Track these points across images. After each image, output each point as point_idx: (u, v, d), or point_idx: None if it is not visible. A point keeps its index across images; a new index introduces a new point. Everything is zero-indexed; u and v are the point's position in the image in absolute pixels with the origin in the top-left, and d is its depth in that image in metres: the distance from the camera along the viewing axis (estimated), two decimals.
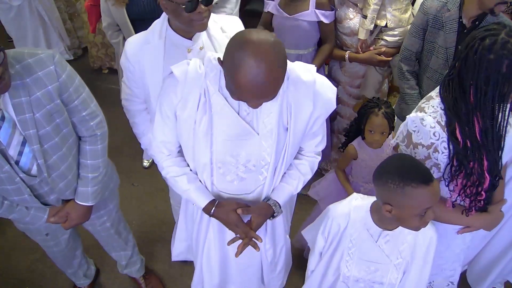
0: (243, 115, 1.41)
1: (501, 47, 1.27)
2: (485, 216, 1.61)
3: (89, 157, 1.69)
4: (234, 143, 1.44)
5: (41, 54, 1.46)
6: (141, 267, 2.39)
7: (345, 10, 2.31)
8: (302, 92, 1.41)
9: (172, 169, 1.56)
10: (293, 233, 2.68)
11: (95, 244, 2.19)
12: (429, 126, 1.43)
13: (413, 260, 1.52)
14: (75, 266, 2.23)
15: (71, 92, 1.54)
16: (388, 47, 2.35)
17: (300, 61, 1.76)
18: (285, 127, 1.44)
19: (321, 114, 1.46)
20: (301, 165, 1.59)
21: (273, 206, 1.55)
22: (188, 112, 1.41)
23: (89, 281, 2.38)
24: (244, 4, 3.09)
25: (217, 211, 1.53)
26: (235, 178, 1.51)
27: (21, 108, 1.43)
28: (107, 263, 2.51)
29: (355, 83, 2.53)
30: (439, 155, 1.45)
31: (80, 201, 1.72)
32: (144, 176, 3.07)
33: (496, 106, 1.34)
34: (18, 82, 1.41)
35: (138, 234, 2.69)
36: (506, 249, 2.04)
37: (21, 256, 2.62)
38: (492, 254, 2.08)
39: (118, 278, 2.49)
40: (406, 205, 1.34)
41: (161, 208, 2.88)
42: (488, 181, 1.44)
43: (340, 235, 1.55)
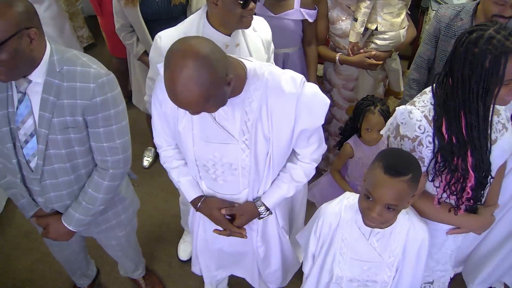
0: (220, 120, 1.41)
1: (486, 42, 1.27)
2: (475, 218, 1.61)
3: (92, 187, 1.63)
4: (214, 145, 1.45)
5: (92, 69, 1.45)
6: (142, 270, 2.40)
7: (337, 11, 2.31)
8: (283, 103, 1.38)
9: (169, 160, 1.63)
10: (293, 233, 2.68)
11: (95, 244, 2.18)
12: (416, 119, 1.44)
13: (404, 259, 1.52)
14: (77, 268, 2.23)
15: (99, 118, 1.49)
16: (379, 50, 2.34)
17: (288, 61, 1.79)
18: (265, 135, 1.42)
19: (307, 127, 1.42)
20: (294, 169, 1.57)
21: (258, 207, 1.58)
22: (171, 109, 1.45)
23: (90, 281, 2.38)
24: None
25: (202, 207, 1.61)
26: (220, 178, 1.53)
27: (45, 105, 1.44)
28: (107, 263, 2.51)
29: (349, 85, 2.53)
30: (423, 149, 1.46)
31: (64, 221, 1.67)
32: (144, 176, 3.06)
33: (481, 102, 1.33)
34: (56, 81, 1.42)
35: (138, 234, 2.67)
36: (500, 245, 2.04)
37: (21, 256, 2.62)
38: (487, 249, 2.08)
39: (118, 278, 2.49)
40: (365, 177, 1.37)
41: (161, 208, 2.87)
42: (473, 178, 1.44)
43: (332, 235, 1.55)
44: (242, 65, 1.38)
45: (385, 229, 1.48)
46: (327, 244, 1.58)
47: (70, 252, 2.06)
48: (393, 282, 1.56)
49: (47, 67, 1.41)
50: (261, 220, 1.63)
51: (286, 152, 1.52)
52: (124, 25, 2.49)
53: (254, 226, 1.69)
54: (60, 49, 1.45)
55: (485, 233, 2.01)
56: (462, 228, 1.64)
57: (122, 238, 1.98)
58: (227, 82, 1.25)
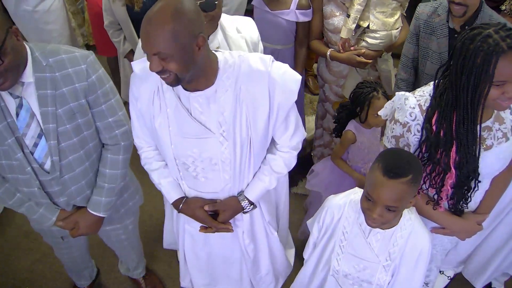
0: (196, 115, 1.41)
1: (481, 39, 1.27)
2: (458, 221, 1.61)
3: (109, 167, 1.66)
4: (192, 141, 1.44)
5: (76, 53, 1.49)
6: (142, 269, 2.40)
7: (332, 6, 2.32)
8: (255, 83, 1.39)
9: (148, 161, 1.61)
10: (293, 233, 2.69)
11: (95, 244, 2.19)
12: (409, 106, 1.46)
13: (401, 265, 1.51)
14: (81, 268, 2.23)
15: (99, 95, 1.53)
16: (369, 49, 2.33)
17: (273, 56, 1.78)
18: (242, 125, 1.42)
19: (281, 102, 1.41)
20: (274, 161, 1.57)
21: (241, 201, 1.58)
22: (146, 107, 1.45)
23: (90, 281, 2.39)
24: None
25: (184, 208, 1.60)
26: (201, 175, 1.52)
27: (45, 100, 1.44)
28: (107, 263, 2.51)
29: (340, 82, 2.54)
30: (410, 136, 1.47)
31: (92, 210, 1.69)
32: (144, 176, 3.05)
33: (469, 99, 1.33)
34: (47, 75, 1.43)
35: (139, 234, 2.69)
36: (505, 243, 2.04)
37: (21, 256, 2.62)
38: (491, 248, 2.08)
39: (118, 278, 2.49)
40: (366, 177, 1.38)
41: (161, 208, 2.85)
42: (454, 175, 1.44)
43: (334, 226, 1.56)
44: (215, 56, 1.39)
45: (385, 231, 1.47)
46: (328, 234, 1.58)
47: (79, 254, 2.07)
48: (388, 286, 1.55)
49: (33, 65, 1.43)
50: (246, 214, 1.63)
51: (265, 141, 1.51)
52: (113, 22, 2.54)
53: (239, 223, 1.68)
54: (38, 45, 1.47)
55: (486, 234, 2.02)
56: (446, 229, 1.64)
57: (129, 225, 1.99)
58: (197, 40, 1.26)
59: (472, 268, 2.22)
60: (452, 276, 2.42)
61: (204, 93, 1.38)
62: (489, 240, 2.06)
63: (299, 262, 1.96)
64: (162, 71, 1.25)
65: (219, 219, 1.59)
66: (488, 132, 1.47)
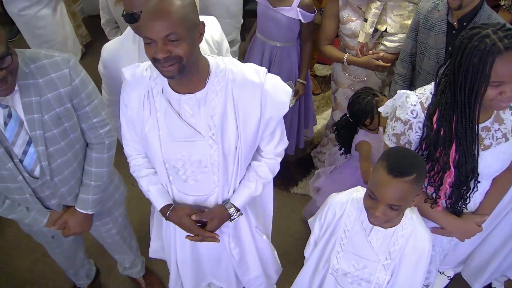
0: (186, 118, 1.42)
1: (479, 39, 1.27)
2: (459, 222, 1.61)
3: (94, 165, 1.68)
4: (182, 144, 1.45)
5: (57, 57, 1.48)
6: (141, 268, 2.40)
7: (348, 11, 2.30)
8: (248, 94, 1.40)
9: (138, 169, 1.61)
10: (293, 232, 2.69)
11: (95, 244, 2.19)
12: (410, 104, 1.47)
13: (401, 264, 1.51)
14: (76, 267, 2.23)
15: (83, 98, 1.54)
16: (388, 52, 2.33)
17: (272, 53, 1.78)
18: (231, 129, 1.43)
19: (272, 116, 1.45)
20: (260, 167, 1.59)
21: (228, 209, 1.58)
22: (136, 112, 1.45)
23: (89, 281, 2.38)
24: (244, 4, 3.12)
25: (171, 215, 1.59)
26: (190, 178, 1.53)
27: (30, 108, 1.44)
28: (107, 263, 2.51)
29: (356, 86, 2.52)
30: (412, 133, 1.48)
31: (80, 208, 1.71)
32: None
33: (466, 98, 1.33)
34: (30, 81, 1.43)
35: (138, 234, 2.68)
36: (503, 245, 2.04)
37: (21, 256, 2.62)
38: (489, 250, 2.08)
39: (118, 278, 2.49)
40: (370, 176, 1.39)
41: None
42: (453, 174, 1.44)
43: (335, 224, 1.57)
44: (206, 60, 1.41)
45: (386, 230, 1.48)
46: (329, 231, 1.59)
47: (71, 251, 2.07)
48: (388, 286, 1.55)
49: None
50: (232, 222, 1.63)
51: (253, 146, 1.52)
52: (109, 20, 2.56)
53: (225, 229, 1.68)
54: (16, 51, 1.45)
55: (485, 235, 2.02)
56: (444, 230, 1.64)
57: (118, 218, 2.00)
58: (199, 28, 1.30)
59: (471, 270, 2.22)
60: (452, 276, 2.42)
61: (195, 95, 1.39)
62: (487, 242, 2.06)
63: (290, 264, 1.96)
64: (168, 58, 1.26)
65: (207, 228, 1.59)
66: (487, 132, 1.47)
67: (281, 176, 3.07)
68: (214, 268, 1.87)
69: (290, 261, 2.32)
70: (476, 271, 2.19)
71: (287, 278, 2.05)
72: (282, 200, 2.91)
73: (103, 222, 1.95)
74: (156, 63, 1.28)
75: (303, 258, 1.78)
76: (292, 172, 3.11)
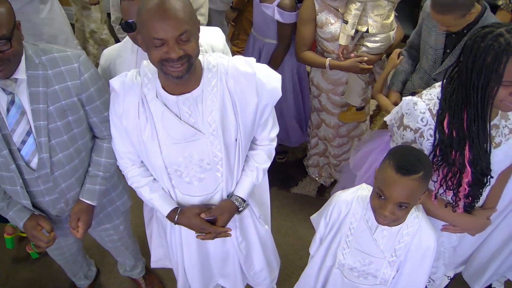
0: (185, 118, 1.42)
1: (493, 38, 1.26)
2: (470, 218, 1.61)
3: (105, 156, 1.68)
4: (183, 145, 1.44)
5: (69, 52, 1.52)
6: (142, 269, 2.40)
7: (326, 14, 2.25)
8: (243, 84, 1.42)
9: (136, 179, 1.59)
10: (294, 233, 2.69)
11: (95, 245, 2.19)
12: (419, 111, 1.46)
13: (406, 261, 1.52)
14: (76, 269, 2.23)
15: (93, 93, 1.55)
16: (370, 53, 2.29)
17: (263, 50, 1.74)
18: (231, 122, 1.44)
19: (267, 103, 1.48)
20: (257, 155, 1.60)
21: (235, 201, 1.58)
22: (132, 122, 1.44)
23: (89, 282, 2.39)
24: None
25: (180, 218, 1.57)
26: (194, 179, 1.52)
27: (36, 98, 1.46)
28: (107, 263, 2.52)
29: (337, 90, 2.48)
30: (424, 141, 1.47)
31: (86, 198, 1.69)
32: None
33: (479, 98, 1.33)
34: (39, 72, 1.45)
35: (138, 234, 2.68)
36: (503, 246, 2.04)
37: (21, 256, 2.62)
38: (489, 251, 2.08)
39: (118, 278, 2.49)
40: (377, 176, 1.39)
41: None
42: (470, 174, 1.44)
43: (340, 222, 1.57)
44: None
45: (391, 228, 1.48)
46: (335, 229, 1.60)
47: (70, 255, 2.06)
48: (393, 281, 1.56)
49: (26, 62, 1.45)
50: (239, 214, 1.63)
51: (250, 135, 1.54)
52: (119, 18, 2.58)
53: (232, 224, 1.67)
54: (30, 44, 1.49)
55: (486, 235, 2.02)
56: (456, 227, 1.65)
57: (120, 226, 2.00)
58: (197, 22, 1.31)
59: (471, 271, 2.22)
60: (452, 276, 2.42)
61: (191, 94, 1.39)
62: (487, 243, 2.06)
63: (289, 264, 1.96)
64: (180, 57, 1.25)
65: (218, 223, 1.59)
66: (496, 130, 1.47)
67: (281, 176, 3.10)
68: (221, 267, 1.87)
69: (290, 261, 2.32)
70: (476, 272, 2.19)
71: (287, 278, 2.05)
72: (282, 200, 2.90)
73: (104, 228, 1.94)
74: (166, 64, 1.27)
75: (303, 258, 1.79)
76: (292, 172, 3.11)
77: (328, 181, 2.99)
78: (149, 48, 1.27)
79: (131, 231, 2.15)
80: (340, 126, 2.62)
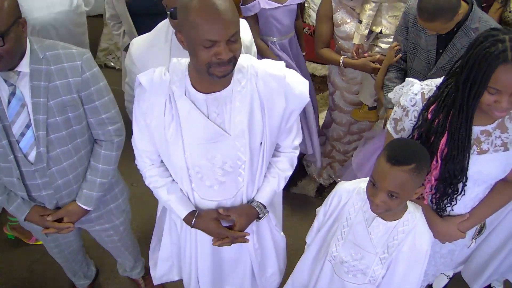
0: (213, 118, 1.40)
1: (492, 41, 1.25)
2: (441, 223, 1.58)
3: (102, 162, 1.68)
4: (207, 146, 1.42)
5: (73, 49, 1.54)
6: (141, 269, 2.40)
7: (342, 13, 2.30)
8: (273, 88, 1.41)
9: (154, 179, 1.56)
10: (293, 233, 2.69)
11: (95, 245, 2.19)
12: (412, 92, 1.49)
13: (397, 260, 1.51)
14: (76, 267, 2.23)
15: (93, 92, 1.56)
16: (383, 54, 2.30)
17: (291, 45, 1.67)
18: (258, 124, 1.43)
19: (294, 108, 1.47)
20: (280, 162, 1.58)
21: (256, 207, 1.55)
22: (157, 119, 1.41)
23: (89, 282, 2.39)
24: None
25: (197, 222, 1.54)
26: (214, 183, 1.49)
27: (38, 91, 1.47)
28: (107, 263, 2.52)
29: (352, 89, 2.52)
30: (407, 120, 1.50)
31: (83, 203, 1.70)
32: None
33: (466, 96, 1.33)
34: (43, 67, 1.47)
35: (138, 234, 2.69)
36: (502, 246, 2.05)
37: (21, 256, 2.63)
38: (488, 251, 2.08)
39: (117, 279, 2.50)
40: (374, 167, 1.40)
41: None
42: (439, 167, 1.44)
43: (339, 211, 1.59)
44: None
45: (387, 223, 1.49)
46: (333, 218, 1.61)
47: (69, 252, 2.06)
48: (383, 282, 1.55)
49: (31, 56, 1.46)
50: (259, 220, 1.60)
51: (275, 141, 1.53)
52: (114, 15, 2.60)
53: (248, 229, 1.64)
54: (37, 39, 1.52)
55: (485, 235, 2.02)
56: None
57: (120, 226, 1.99)
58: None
59: (470, 271, 2.22)
60: (451, 276, 2.42)
61: (221, 94, 1.37)
62: (486, 244, 2.07)
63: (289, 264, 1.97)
64: (230, 59, 1.25)
65: (236, 228, 1.54)
66: (486, 137, 1.45)
67: None
68: (231, 273, 1.83)
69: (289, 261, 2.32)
70: (476, 272, 2.19)
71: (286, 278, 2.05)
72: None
73: (103, 228, 1.94)
74: (213, 65, 1.25)
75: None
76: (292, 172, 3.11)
77: (327, 182, 3.00)
78: (196, 49, 1.24)
79: (131, 232, 2.15)
80: (352, 124, 2.65)
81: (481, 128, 1.43)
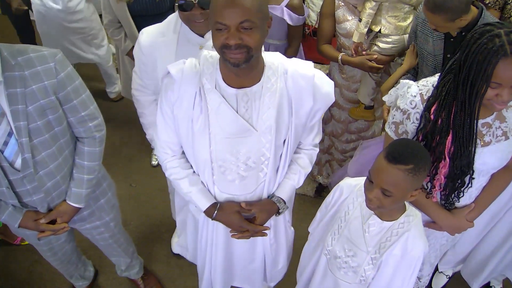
0: (241, 112, 1.41)
1: (489, 37, 1.26)
2: (447, 216, 1.62)
3: (87, 159, 1.69)
4: (233, 141, 1.43)
5: (44, 51, 1.50)
6: (140, 269, 2.39)
7: (344, 11, 2.30)
8: (302, 86, 1.43)
9: (175, 171, 1.56)
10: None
11: (93, 246, 2.19)
12: (411, 94, 1.50)
13: (387, 262, 1.50)
14: (71, 269, 2.22)
15: (69, 92, 1.54)
16: (382, 54, 2.31)
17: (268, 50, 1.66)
18: (284, 122, 1.44)
19: (320, 107, 1.49)
20: (300, 159, 1.61)
21: (277, 202, 1.57)
22: (185, 111, 1.42)
23: (88, 283, 2.38)
24: None
25: (219, 214, 1.55)
26: (236, 177, 1.51)
27: (15, 98, 1.45)
28: (106, 264, 2.51)
29: (351, 86, 2.52)
30: (409, 123, 1.50)
31: (73, 202, 1.71)
32: (142, 176, 3.07)
33: (467, 94, 1.34)
34: (16, 73, 1.44)
35: (136, 234, 2.69)
36: (501, 244, 2.05)
37: (20, 257, 2.62)
38: (487, 249, 2.09)
39: (116, 279, 2.49)
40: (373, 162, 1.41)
41: (160, 208, 2.87)
42: (448, 165, 1.45)
43: (339, 204, 1.60)
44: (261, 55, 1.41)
45: (383, 222, 1.49)
46: (333, 210, 1.62)
47: (62, 254, 2.05)
48: (372, 282, 1.55)
49: (2, 64, 1.43)
50: (278, 215, 1.62)
51: (299, 138, 1.55)
52: (112, 20, 2.54)
53: (267, 223, 1.65)
54: (5, 45, 1.48)
55: (485, 233, 2.02)
56: (436, 224, 1.65)
57: (110, 223, 1.99)
58: (268, 21, 1.32)
59: (469, 269, 2.23)
60: (451, 275, 2.42)
61: (251, 89, 1.39)
62: (485, 242, 2.07)
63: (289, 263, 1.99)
64: (239, 45, 1.25)
65: (257, 222, 1.56)
66: (488, 129, 1.47)
67: None
68: (242, 268, 1.86)
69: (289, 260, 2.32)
70: (475, 271, 2.20)
71: (286, 278, 2.05)
72: None
73: (94, 225, 1.94)
74: (224, 50, 1.27)
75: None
76: None
77: (326, 181, 3.00)
78: (213, 32, 1.28)
79: (122, 228, 2.15)
80: (350, 122, 2.66)
81: (482, 121, 1.46)
